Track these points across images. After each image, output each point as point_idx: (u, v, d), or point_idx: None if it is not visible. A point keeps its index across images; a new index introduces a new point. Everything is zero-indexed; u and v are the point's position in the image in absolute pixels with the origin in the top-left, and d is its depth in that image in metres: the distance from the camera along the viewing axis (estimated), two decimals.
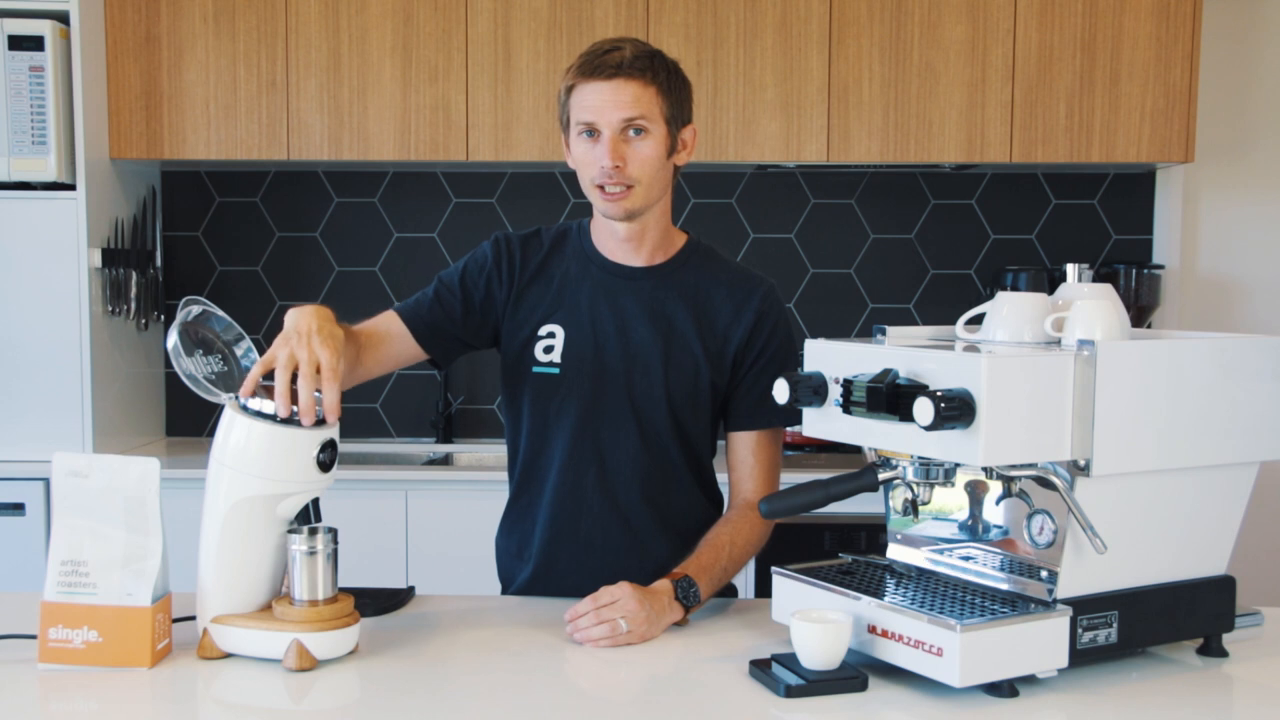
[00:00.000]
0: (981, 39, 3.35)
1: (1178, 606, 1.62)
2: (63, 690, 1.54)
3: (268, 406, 1.59)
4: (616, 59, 1.81)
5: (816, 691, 1.49)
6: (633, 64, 1.80)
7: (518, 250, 1.97)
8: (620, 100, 1.80)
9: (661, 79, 1.83)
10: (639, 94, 1.81)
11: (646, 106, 1.81)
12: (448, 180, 3.77)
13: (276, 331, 1.66)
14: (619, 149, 1.81)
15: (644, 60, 1.82)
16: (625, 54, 1.81)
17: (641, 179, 1.83)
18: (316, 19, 3.37)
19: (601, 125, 1.81)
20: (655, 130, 1.83)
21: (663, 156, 1.85)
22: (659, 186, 1.88)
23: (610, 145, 1.81)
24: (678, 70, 1.88)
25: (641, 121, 1.81)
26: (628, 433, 1.92)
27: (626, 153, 1.82)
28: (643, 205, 1.87)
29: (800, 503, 1.65)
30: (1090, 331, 1.54)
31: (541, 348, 1.93)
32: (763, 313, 1.94)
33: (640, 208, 1.87)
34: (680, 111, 1.88)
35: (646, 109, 1.81)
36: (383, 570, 3.15)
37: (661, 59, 1.86)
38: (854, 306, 3.78)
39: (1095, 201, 3.75)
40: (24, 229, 3.20)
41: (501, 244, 1.97)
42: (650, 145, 1.83)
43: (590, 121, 1.82)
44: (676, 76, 1.87)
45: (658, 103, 1.83)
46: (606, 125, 1.81)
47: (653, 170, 1.84)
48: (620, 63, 1.80)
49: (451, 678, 1.61)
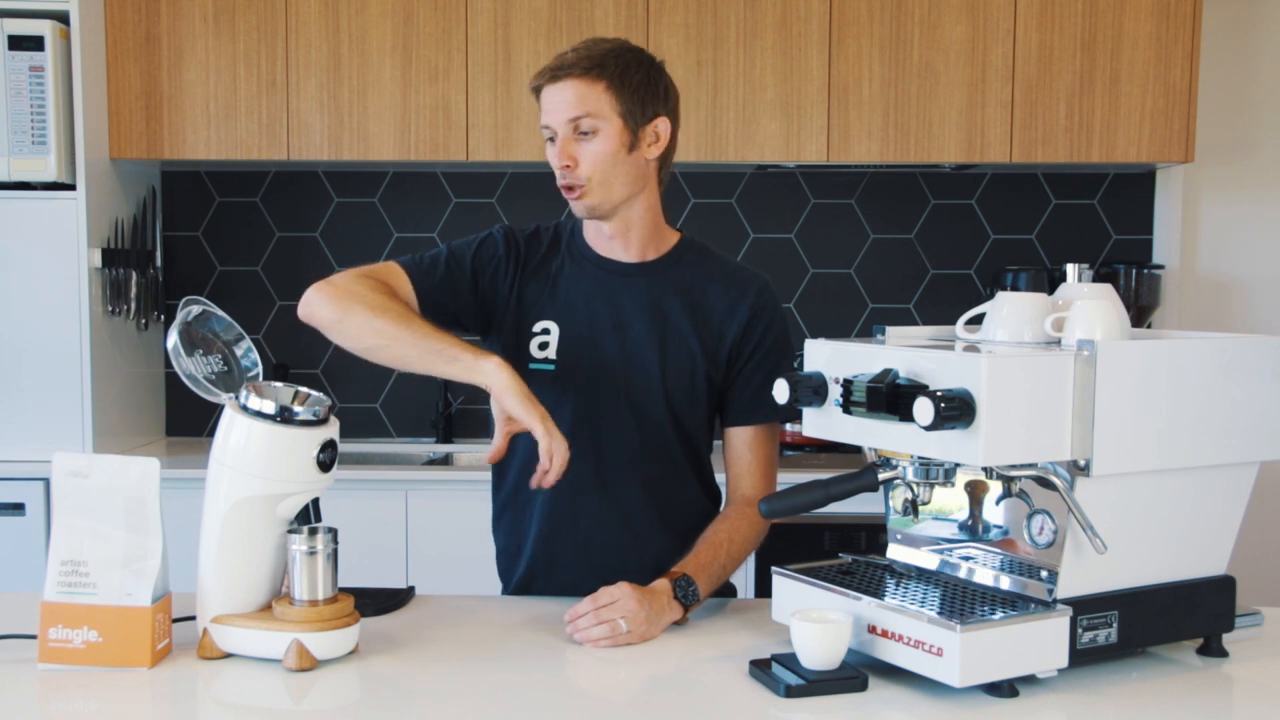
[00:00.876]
0: (981, 39, 3.35)
1: (1178, 606, 1.62)
2: (63, 690, 1.54)
3: (268, 406, 1.59)
4: (566, 60, 1.84)
5: (816, 691, 1.49)
6: (575, 64, 1.82)
7: (523, 246, 1.97)
8: (565, 100, 1.82)
9: (611, 74, 1.83)
10: (583, 92, 1.82)
11: (592, 104, 1.82)
12: (448, 180, 3.77)
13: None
14: (568, 149, 1.84)
15: (590, 59, 1.83)
16: (569, 56, 1.84)
17: (594, 176, 1.84)
18: (316, 19, 3.37)
19: (553, 125, 1.84)
20: (606, 127, 1.83)
21: (618, 152, 1.84)
22: (621, 183, 1.87)
23: (560, 146, 1.84)
24: (639, 65, 1.86)
25: (587, 120, 1.82)
26: (625, 429, 1.92)
27: (576, 152, 1.83)
28: (602, 201, 1.87)
29: (800, 503, 1.65)
30: (1090, 331, 1.54)
31: (537, 344, 1.93)
32: (757, 308, 1.94)
33: (600, 203, 1.87)
34: (641, 105, 1.86)
35: (592, 106, 1.82)
36: (383, 570, 3.15)
37: (616, 55, 1.84)
38: (854, 306, 3.78)
39: (1095, 201, 3.75)
40: (24, 229, 3.20)
41: (511, 237, 1.98)
42: (600, 143, 1.83)
43: (546, 124, 1.86)
44: (634, 71, 1.85)
45: (606, 99, 1.83)
46: (557, 126, 1.84)
47: (606, 167, 1.84)
48: (562, 64, 1.83)
49: (451, 678, 1.61)
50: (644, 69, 1.87)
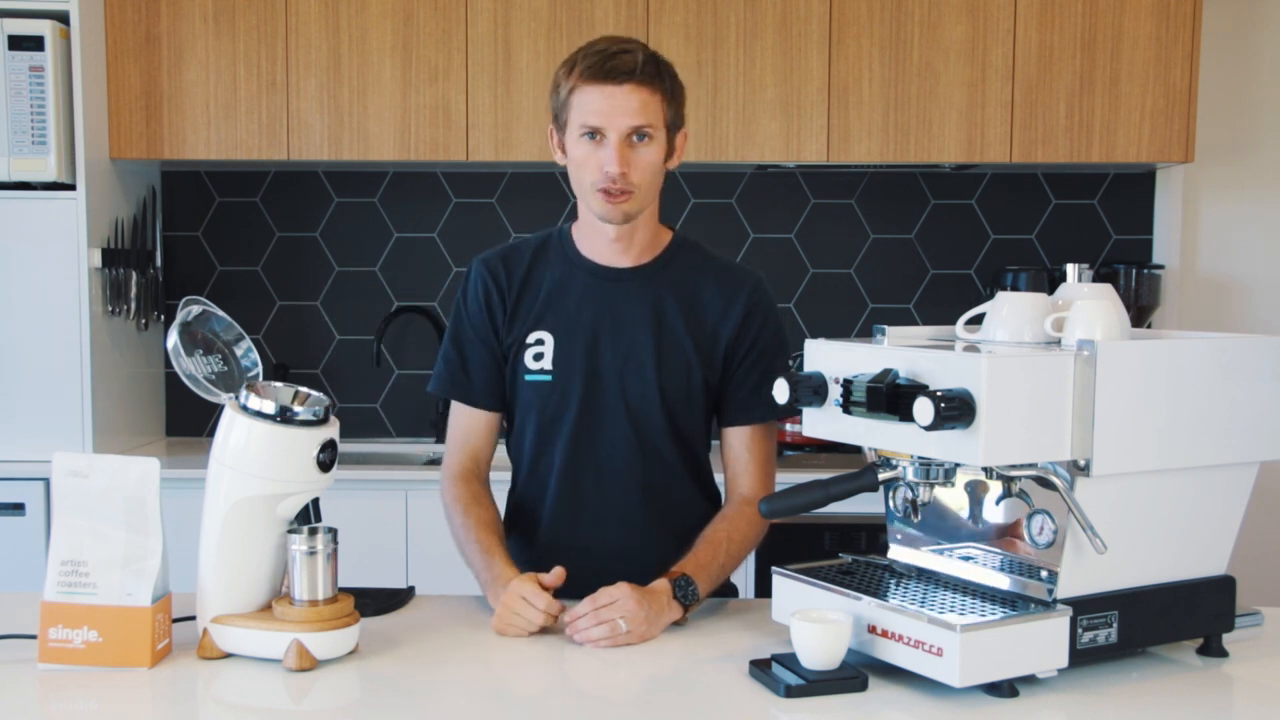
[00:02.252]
0: (981, 39, 3.35)
1: (1178, 606, 1.62)
2: (63, 690, 1.54)
3: (268, 406, 1.60)
4: (628, 64, 1.80)
5: (816, 691, 1.50)
6: (644, 70, 1.81)
7: (501, 268, 1.97)
8: (630, 107, 1.80)
9: (666, 86, 1.85)
10: (648, 101, 1.81)
11: (653, 114, 1.82)
12: (448, 180, 3.77)
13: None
14: (625, 155, 1.81)
15: (653, 66, 1.83)
16: (636, 59, 1.81)
17: (643, 185, 1.84)
18: (316, 19, 3.37)
19: (609, 130, 1.81)
20: (658, 136, 1.84)
21: (661, 162, 1.87)
22: (656, 190, 1.90)
23: (618, 151, 1.81)
24: (676, 75, 1.89)
25: (648, 129, 1.82)
26: (624, 434, 1.92)
27: (631, 158, 1.82)
28: (640, 209, 1.88)
29: (800, 503, 1.65)
30: (1090, 331, 1.54)
31: (531, 355, 1.93)
32: (752, 306, 1.95)
33: (637, 211, 1.88)
34: (678, 117, 1.89)
35: (653, 116, 1.82)
36: (383, 570, 3.15)
37: (666, 65, 1.87)
38: (854, 306, 3.78)
39: (1095, 201, 3.75)
40: (24, 229, 3.19)
41: (486, 267, 1.98)
42: (653, 151, 1.84)
43: (597, 126, 1.81)
44: (676, 82, 1.88)
45: (662, 110, 1.84)
46: (614, 130, 1.81)
47: (653, 176, 1.86)
48: (632, 69, 1.80)
49: (451, 678, 1.61)
50: (678, 80, 1.90)
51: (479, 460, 2.01)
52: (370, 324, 3.73)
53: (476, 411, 1.99)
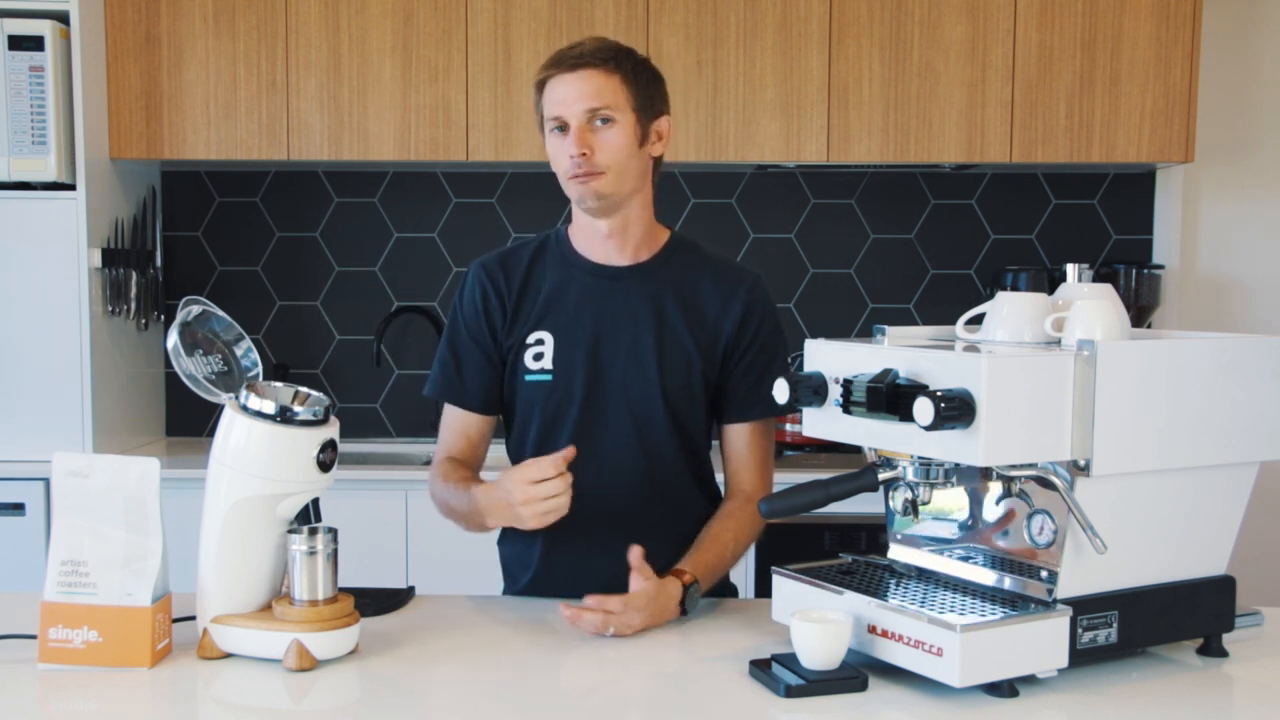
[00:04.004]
0: (981, 39, 3.35)
1: (1178, 606, 1.62)
2: (63, 690, 1.54)
3: (268, 406, 1.59)
4: (577, 51, 1.84)
5: (816, 691, 1.50)
6: (594, 55, 1.84)
7: (499, 272, 1.97)
8: (584, 90, 1.82)
9: (626, 68, 1.86)
10: (602, 84, 1.83)
11: (611, 96, 1.83)
12: (448, 180, 3.77)
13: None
14: (585, 138, 1.83)
15: (606, 51, 1.85)
16: (585, 47, 1.85)
17: (611, 166, 1.85)
18: (316, 19, 3.37)
19: (568, 117, 1.83)
20: (622, 119, 1.84)
21: (632, 145, 1.86)
22: (632, 175, 1.88)
23: (577, 135, 1.83)
24: (646, 63, 1.90)
25: (606, 111, 1.83)
26: (625, 433, 1.92)
27: (594, 141, 1.83)
28: (614, 191, 1.87)
29: (800, 503, 1.65)
30: (1090, 331, 1.54)
31: (531, 355, 1.94)
32: (751, 304, 1.95)
33: (614, 192, 1.87)
34: (650, 102, 1.89)
35: (611, 98, 1.83)
36: (383, 570, 3.15)
37: (626, 51, 1.88)
38: (854, 306, 3.78)
39: (1095, 201, 3.75)
40: (24, 229, 3.20)
41: (485, 271, 1.98)
42: (617, 133, 1.84)
43: (558, 115, 1.84)
44: (644, 68, 1.89)
45: (623, 91, 1.84)
46: (572, 116, 1.83)
47: (623, 158, 1.85)
48: (581, 54, 1.84)
49: (452, 678, 1.61)
50: (649, 68, 1.91)
51: (469, 463, 2.01)
52: (370, 324, 3.73)
53: (470, 415, 2.00)
